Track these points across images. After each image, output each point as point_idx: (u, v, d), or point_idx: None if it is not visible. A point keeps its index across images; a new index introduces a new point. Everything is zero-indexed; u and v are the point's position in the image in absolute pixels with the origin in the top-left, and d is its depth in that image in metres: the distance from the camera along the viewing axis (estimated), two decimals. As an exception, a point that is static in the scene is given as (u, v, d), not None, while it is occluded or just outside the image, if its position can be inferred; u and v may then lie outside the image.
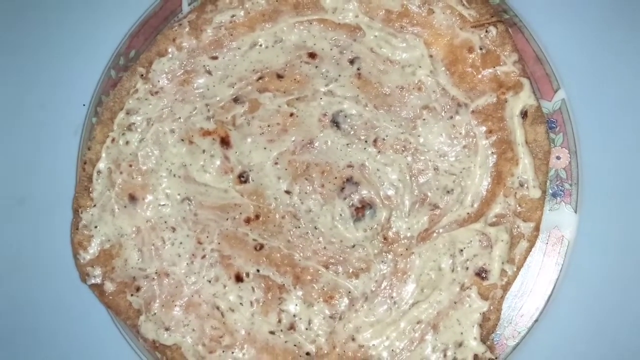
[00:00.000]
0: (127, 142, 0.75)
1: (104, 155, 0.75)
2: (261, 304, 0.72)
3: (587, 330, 0.70)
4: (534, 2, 0.73)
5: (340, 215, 0.71)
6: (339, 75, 0.73)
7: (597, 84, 0.72)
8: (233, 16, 0.75)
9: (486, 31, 0.69)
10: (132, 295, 0.73)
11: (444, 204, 0.70)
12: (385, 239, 0.71)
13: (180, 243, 0.74)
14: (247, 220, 0.73)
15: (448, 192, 0.70)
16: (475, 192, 0.70)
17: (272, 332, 0.71)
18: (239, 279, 0.72)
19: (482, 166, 0.69)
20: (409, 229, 0.70)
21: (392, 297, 0.70)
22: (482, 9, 0.70)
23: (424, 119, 0.71)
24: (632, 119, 0.71)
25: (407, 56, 0.72)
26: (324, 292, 0.71)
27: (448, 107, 0.71)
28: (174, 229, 0.74)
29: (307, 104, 0.73)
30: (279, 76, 0.74)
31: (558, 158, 0.70)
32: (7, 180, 0.84)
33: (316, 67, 0.74)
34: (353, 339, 0.69)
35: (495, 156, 0.69)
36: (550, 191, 0.70)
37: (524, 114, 0.68)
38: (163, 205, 0.74)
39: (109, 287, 0.74)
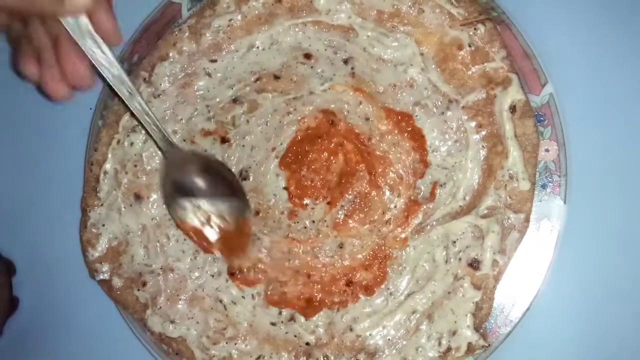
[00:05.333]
0: (131, 144, 0.77)
1: (110, 156, 0.78)
2: (262, 296, 0.74)
3: (577, 318, 0.71)
4: (521, -1, 0.74)
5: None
6: (334, 75, 0.74)
7: (584, 77, 0.72)
8: (231, 20, 0.76)
9: (475, 29, 0.70)
10: (138, 290, 0.76)
11: (437, 197, 0.72)
12: (380, 232, 0.72)
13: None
14: (248, 217, 0.75)
15: (441, 185, 0.72)
16: (467, 185, 0.71)
17: (273, 324, 0.73)
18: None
19: (473, 160, 0.71)
20: (404, 222, 0.72)
21: (388, 289, 0.72)
22: (470, 7, 0.71)
23: (416, 116, 0.72)
24: (618, 111, 0.72)
25: (399, 55, 0.73)
26: (322, 284, 0.73)
27: (439, 103, 0.72)
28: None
29: (304, 103, 0.75)
30: (276, 77, 0.76)
31: (547, 150, 0.71)
32: (21, 183, 0.87)
33: (311, 67, 0.75)
34: (351, 329, 0.71)
35: (485, 150, 0.71)
36: (540, 183, 0.70)
37: (512, 109, 0.69)
38: (167, 203, 0.76)
39: (117, 282, 0.76)
